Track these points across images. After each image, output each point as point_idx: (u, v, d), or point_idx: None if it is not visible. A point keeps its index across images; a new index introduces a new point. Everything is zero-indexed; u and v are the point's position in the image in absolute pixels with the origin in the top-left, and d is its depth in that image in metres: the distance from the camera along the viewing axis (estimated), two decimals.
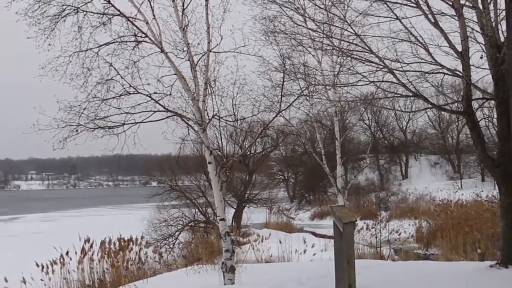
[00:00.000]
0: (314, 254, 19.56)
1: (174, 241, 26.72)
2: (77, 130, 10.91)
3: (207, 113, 11.89)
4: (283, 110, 12.64)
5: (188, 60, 11.81)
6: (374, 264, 13.03)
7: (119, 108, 11.17)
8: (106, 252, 15.69)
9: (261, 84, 13.55)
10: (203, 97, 11.81)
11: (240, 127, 16.45)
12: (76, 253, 14.51)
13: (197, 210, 30.31)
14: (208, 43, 11.92)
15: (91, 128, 10.99)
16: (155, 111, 11.32)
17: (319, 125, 21.59)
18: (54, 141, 10.84)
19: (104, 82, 11.22)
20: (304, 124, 22.34)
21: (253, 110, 12.62)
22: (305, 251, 19.37)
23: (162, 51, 11.61)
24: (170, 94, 11.55)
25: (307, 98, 15.21)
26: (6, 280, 12.33)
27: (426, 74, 10.26)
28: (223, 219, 11.92)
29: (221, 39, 11.69)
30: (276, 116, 12.66)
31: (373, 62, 10.48)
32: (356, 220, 11.17)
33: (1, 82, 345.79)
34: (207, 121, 11.85)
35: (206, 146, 11.69)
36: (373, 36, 10.59)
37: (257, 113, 12.57)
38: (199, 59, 11.94)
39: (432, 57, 10.00)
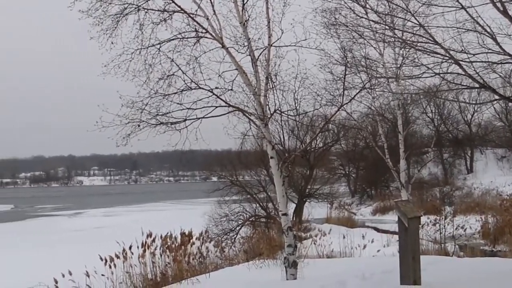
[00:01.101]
0: (378, 251, 19.27)
1: (235, 236, 26.83)
2: (139, 126, 11.03)
3: (269, 108, 11.83)
4: (345, 104, 12.48)
5: (249, 55, 11.77)
6: (439, 260, 12.73)
7: (181, 104, 11.24)
8: (168, 247, 15.80)
9: (322, 77, 13.40)
10: (265, 92, 11.76)
11: (301, 121, 16.33)
12: (138, 247, 14.67)
13: (257, 205, 30.37)
14: (269, 37, 11.86)
15: (153, 124, 11.10)
16: (216, 106, 11.34)
17: (381, 118, 21.25)
18: (117, 138, 11.00)
19: (166, 78, 11.31)
20: (365, 118, 22.02)
21: (315, 104, 12.51)
22: (365, 247, 19.13)
23: (223, 46, 11.61)
24: (231, 89, 11.55)
25: (369, 91, 15.00)
26: (70, 273, 12.57)
27: (494, 65, 9.91)
28: (285, 214, 11.85)
29: (282, 33, 11.61)
30: (338, 110, 12.51)
31: (438, 53, 10.18)
32: (421, 215, 10.94)
33: (65, 82, 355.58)
34: (269, 116, 11.78)
35: (268, 140, 11.64)
36: (437, 26, 10.30)
37: (319, 107, 12.45)
38: (260, 54, 11.90)
39: (500, 47, 9.64)
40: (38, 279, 12.64)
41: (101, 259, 13.90)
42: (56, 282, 12.26)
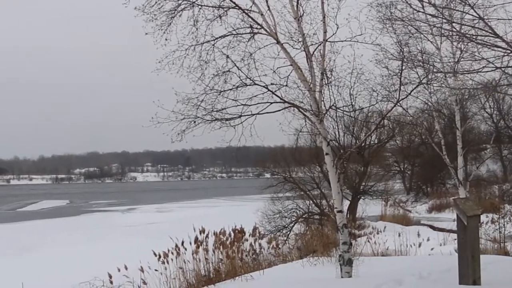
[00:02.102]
0: (432, 249, 18.95)
1: (288, 233, 26.77)
2: (194, 122, 11.08)
3: (324, 104, 11.72)
4: (402, 99, 12.25)
5: (304, 50, 11.68)
6: (500, 260, 12.42)
7: (236, 100, 11.25)
8: (221, 243, 15.82)
9: (378, 73, 13.17)
10: (320, 88, 11.65)
11: (357, 117, 16.15)
12: (191, 243, 14.73)
13: (311, 202, 30.24)
14: (324, 32, 11.73)
15: (208, 120, 11.14)
16: (271, 103, 11.30)
17: (438, 114, 20.85)
18: (172, 134, 11.09)
19: (221, 74, 11.33)
20: (421, 114, 21.63)
21: (370, 100, 12.33)
22: (420, 245, 18.81)
23: (278, 42, 11.54)
24: (286, 85, 11.49)
25: (426, 86, 14.70)
26: (126, 268, 12.70)
27: None
28: (340, 211, 11.73)
29: (337, 28, 11.46)
30: (394, 106, 12.29)
31: (499, 47, 9.88)
32: (481, 214, 10.68)
33: (121, 79, 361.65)
34: (324, 112, 11.68)
35: (324, 137, 11.52)
36: (498, 19, 10.00)
37: (375, 103, 12.26)
38: (315, 49, 11.79)
39: None
40: (93, 273, 12.80)
41: (155, 254, 14.01)
42: (111, 277, 12.40)
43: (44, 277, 23.25)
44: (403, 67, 12.26)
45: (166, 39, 11.34)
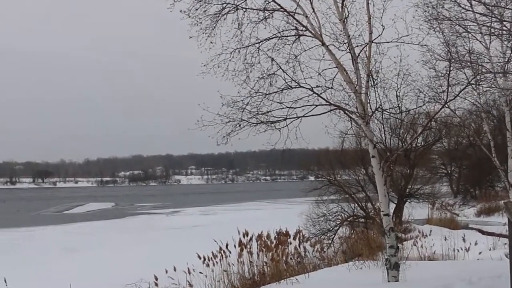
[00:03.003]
0: (480, 253, 18.53)
1: (333, 236, 26.60)
2: (240, 125, 11.09)
3: (370, 106, 11.57)
4: (450, 101, 12.01)
5: (349, 52, 11.57)
6: None
7: (281, 103, 11.23)
8: (265, 246, 15.79)
9: (425, 74, 12.97)
10: (366, 90, 11.52)
11: (404, 119, 15.91)
12: (235, 246, 14.74)
13: (356, 205, 30.02)
14: (370, 34, 11.60)
15: (253, 123, 11.13)
16: (317, 105, 11.24)
17: (487, 115, 20.43)
18: (218, 137, 11.12)
19: (266, 77, 11.32)
20: (469, 115, 21.24)
21: (417, 102, 12.14)
22: (468, 249, 18.41)
23: (323, 44, 11.47)
24: (331, 87, 11.40)
25: (475, 87, 14.43)
26: (175, 269, 12.78)
27: None
28: (387, 214, 11.57)
29: (383, 29, 11.31)
30: (442, 107, 12.06)
31: None
32: None
33: (167, 81, 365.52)
34: (370, 114, 11.54)
35: (370, 139, 11.39)
36: None
37: (422, 105, 12.06)
38: (361, 51, 11.66)
39: None
40: (139, 275, 12.92)
41: (199, 257, 14.06)
42: (157, 279, 12.48)
43: (90, 279, 23.61)
44: (451, 68, 12.06)
45: (211, 42, 11.38)
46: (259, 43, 11.50)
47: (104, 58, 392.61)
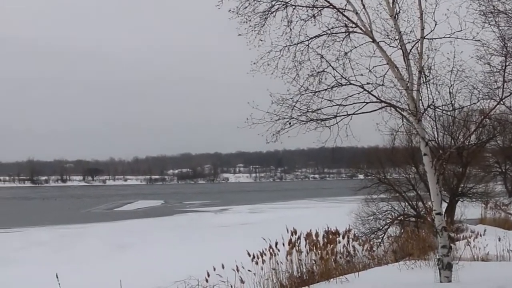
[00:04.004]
0: None
1: (382, 235, 26.34)
2: (289, 123, 11.05)
3: (422, 103, 11.37)
4: (505, 97, 11.69)
5: (401, 48, 11.39)
6: None
7: (331, 100, 11.14)
8: (314, 244, 15.69)
9: (479, 69, 12.65)
10: (417, 87, 11.32)
11: (457, 116, 15.60)
12: (284, 244, 14.69)
13: (406, 203, 29.66)
14: (422, 30, 11.38)
15: (303, 120, 11.07)
16: (367, 102, 11.10)
17: None
18: (267, 135, 11.10)
19: (316, 74, 11.24)
20: None
21: (471, 98, 11.86)
22: None
23: (373, 40, 11.33)
24: (382, 84, 11.26)
25: None
26: (223, 267, 12.81)
27: None
28: (439, 214, 11.35)
29: (435, 24, 11.08)
30: (497, 104, 11.76)
31: None
32: None
33: (213, 80, 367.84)
34: (422, 111, 11.33)
35: (421, 137, 11.20)
36: None
37: (476, 102, 11.77)
38: (412, 47, 11.46)
39: None
40: (188, 273, 12.98)
41: (249, 255, 14.05)
42: (208, 275, 12.52)
43: (140, 276, 23.90)
44: (507, 63, 11.71)
45: (260, 40, 11.36)
46: (308, 40, 11.45)
47: (154, 58, 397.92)
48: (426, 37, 11.37)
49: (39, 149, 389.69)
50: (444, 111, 12.07)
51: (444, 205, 31.27)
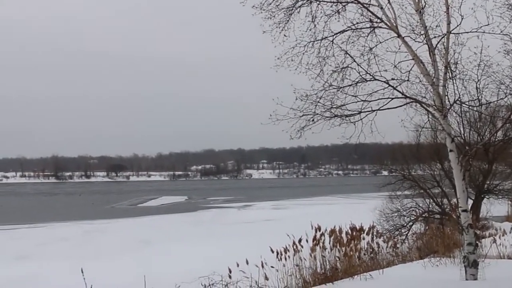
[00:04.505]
0: None
1: (407, 232, 26.18)
2: (313, 119, 10.99)
3: (448, 99, 11.23)
4: None
5: (426, 43, 11.25)
6: None
7: (355, 96, 11.06)
8: (338, 241, 15.62)
9: (507, 64, 12.44)
10: (443, 82, 11.18)
11: (484, 112, 15.41)
12: (307, 240, 14.64)
13: (431, 200, 29.45)
14: (448, 24, 11.24)
15: (327, 117, 11.01)
16: (392, 98, 11.00)
17: None
18: (291, 131, 11.06)
19: (340, 70, 11.18)
20: None
21: (498, 94, 11.69)
22: None
23: (399, 35, 11.21)
24: (408, 80, 11.14)
25: None
26: (247, 262, 12.79)
27: None
28: (465, 210, 11.22)
29: (462, 19, 10.92)
30: None
31: None
32: None
33: (233, 78, 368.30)
34: (448, 107, 11.20)
35: (447, 133, 11.06)
36: None
37: (504, 97, 11.61)
38: (438, 42, 11.31)
39: None
40: (211, 268, 12.98)
41: (272, 251, 14.02)
42: (230, 271, 12.51)
43: (163, 271, 23.96)
44: None
45: (284, 35, 11.33)
46: (333, 36, 11.39)
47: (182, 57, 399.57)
48: (452, 32, 11.23)
49: (64, 145, 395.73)
50: (470, 107, 11.93)
51: (470, 202, 31.00)
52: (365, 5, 11.33)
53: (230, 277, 12.53)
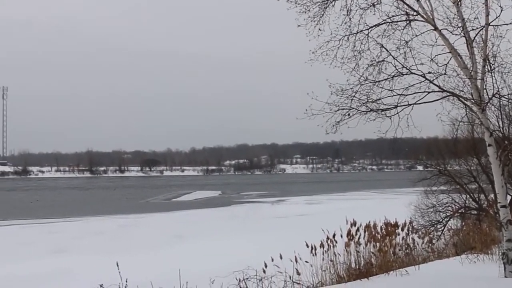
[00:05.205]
0: None
1: (442, 228, 25.90)
2: (349, 114, 10.92)
3: (486, 92, 11.04)
4: None
5: (464, 36, 11.07)
6: None
7: (391, 90, 10.95)
8: (373, 236, 15.51)
9: None
10: (482, 75, 10.99)
11: None
12: (342, 236, 14.57)
13: (468, 196, 29.07)
14: (486, 16, 11.03)
15: (363, 111, 10.94)
16: (429, 92, 10.86)
17: None
18: (327, 126, 11.00)
19: (376, 64, 11.08)
20: None
21: None
22: None
23: (435, 28, 11.05)
24: (445, 73, 10.98)
25: None
26: (281, 257, 12.78)
27: None
28: (504, 206, 11.02)
29: (501, 10, 10.71)
30: None
31: None
32: None
33: (267, 73, 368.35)
34: (487, 101, 11.00)
35: (486, 127, 10.87)
36: None
37: None
38: (476, 35, 11.12)
39: None
40: (245, 263, 12.99)
41: (307, 246, 13.97)
42: (266, 266, 12.51)
43: (197, 265, 24.11)
44: None
45: (319, 30, 11.27)
46: (368, 29, 11.29)
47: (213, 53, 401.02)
48: (491, 24, 11.02)
49: (98, 140, 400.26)
50: (510, 100, 11.71)
51: (509, 197, 30.54)
52: None
53: (264, 271, 12.54)
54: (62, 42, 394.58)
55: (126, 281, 9.90)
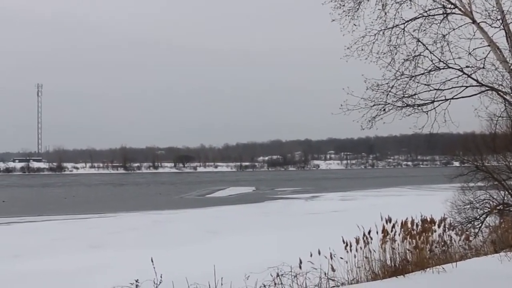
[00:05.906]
0: None
1: (480, 225, 25.51)
2: (385, 109, 10.82)
3: None
4: None
5: (503, 29, 10.88)
6: None
7: (428, 85, 10.81)
8: (408, 233, 15.31)
9: None
10: None
11: None
12: (377, 232, 14.42)
13: (506, 192, 28.56)
14: None
15: (399, 106, 10.85)
16: (467, 86, 10.70)
17: None
18: (362, 121, 10.92)
19: (412, 58, 10.98)
20: None
21: None
22: None
23: (474, 21, 10.87)
24: (483, 67, 10.81)
25: None
26: (319, 253, 12.70)
27: None
28: None
29: None
30: None
31: None
32: None
33: (302, 69, 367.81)
34: None
35: None
36: None
37: None
38: None
39: None
40: (280, 259, 12.93)
41: (343, 242, 13.86)
42: (301, 262, 12.45)
43: (232, 261, 24.10)
44: None
45: (354, 25, 11.18)
46: (404, 23, 11.20)
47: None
48: None
49: (132, 136, 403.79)
50: None
51: None
52: None
53: (300, 267, 12.48)
54: (93, 39, 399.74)
55: (161, 277, 9.92)
